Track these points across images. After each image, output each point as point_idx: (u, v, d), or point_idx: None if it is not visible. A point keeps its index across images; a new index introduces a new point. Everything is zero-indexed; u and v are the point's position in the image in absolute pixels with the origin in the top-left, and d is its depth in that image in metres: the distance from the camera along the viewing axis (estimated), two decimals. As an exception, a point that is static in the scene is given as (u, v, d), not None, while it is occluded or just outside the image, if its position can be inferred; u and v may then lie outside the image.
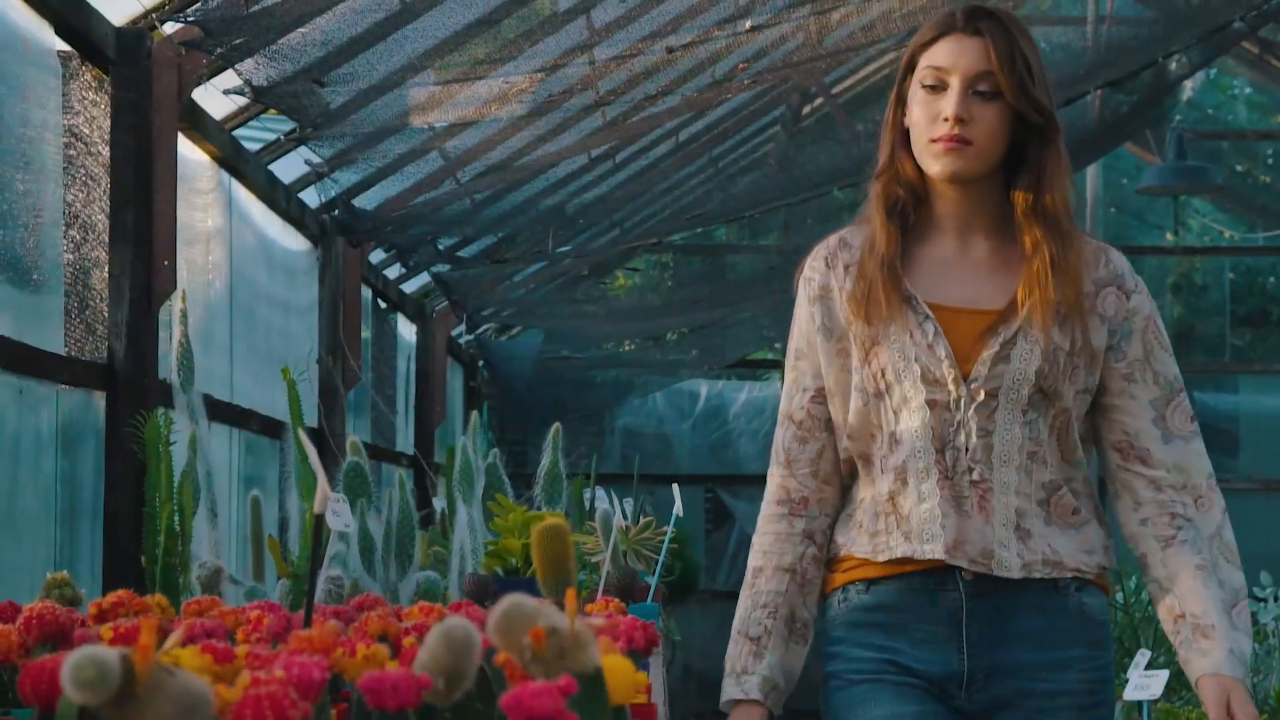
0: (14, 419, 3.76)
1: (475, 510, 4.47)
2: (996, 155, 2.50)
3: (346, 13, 4.39)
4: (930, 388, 2.52)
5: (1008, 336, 2.52)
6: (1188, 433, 2.56)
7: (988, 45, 2.46)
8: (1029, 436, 2.52)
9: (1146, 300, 2.59)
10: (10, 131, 3.80)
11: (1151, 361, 2.57)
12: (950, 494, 2.52)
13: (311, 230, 6.62)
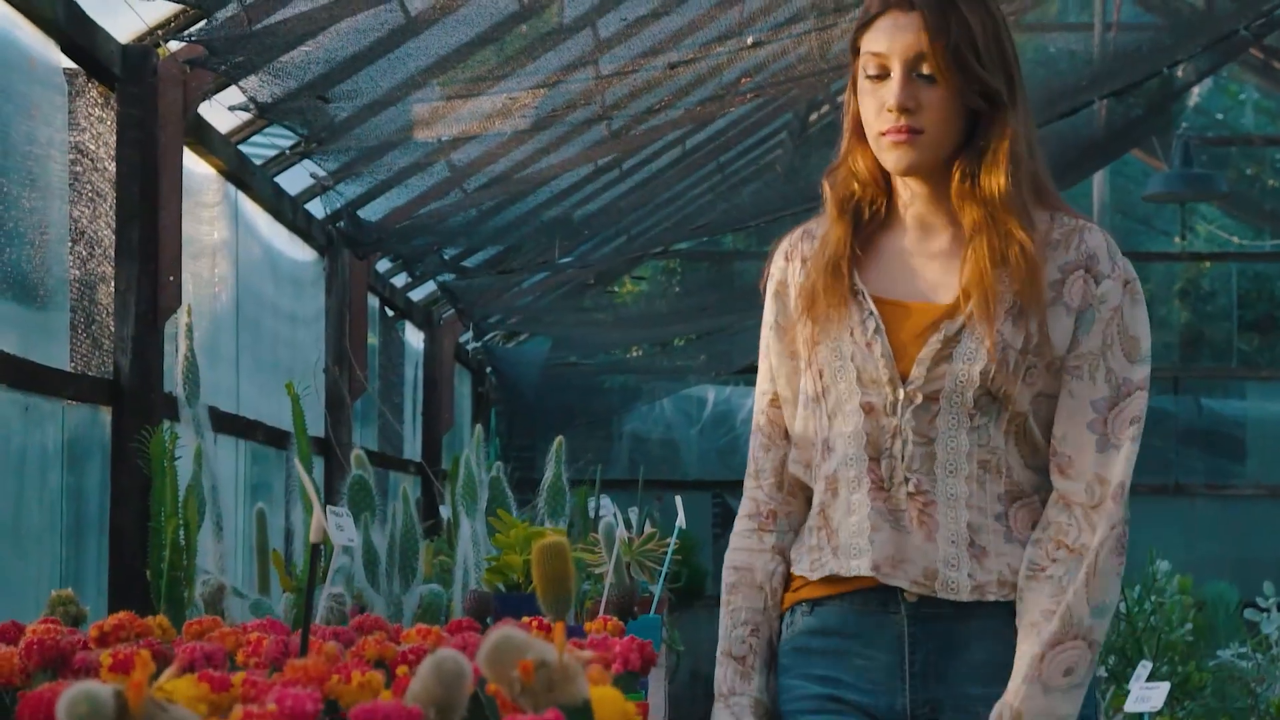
0: (20, 435, 3.79)
1: (479, 523, 4.50)
2: (953, 140, 2.26)
3: (349, 29, 4.42)
4: (866, 390, 2.30)
5: (950, 334, 2.27)
6: (1123, 439, 2.24)
7: (926, 20, 2.21)
8: (978, 443, 2.26)
9: (1120, 288, 2.27)
10: (16, 149, 3.83)
11: (1107, 357, 2.26)
12: (884, 506, 2.29)
13: (318, 241, 6.66)
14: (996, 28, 2.23)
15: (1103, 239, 2.30)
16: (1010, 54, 2.26)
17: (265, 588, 4.39)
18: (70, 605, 3.34)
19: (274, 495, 6.16)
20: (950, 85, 2.22)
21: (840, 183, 2.38)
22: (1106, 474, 2.23)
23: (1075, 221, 2.31)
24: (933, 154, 2.27)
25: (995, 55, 2.23)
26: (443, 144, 5.55)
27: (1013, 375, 2.24)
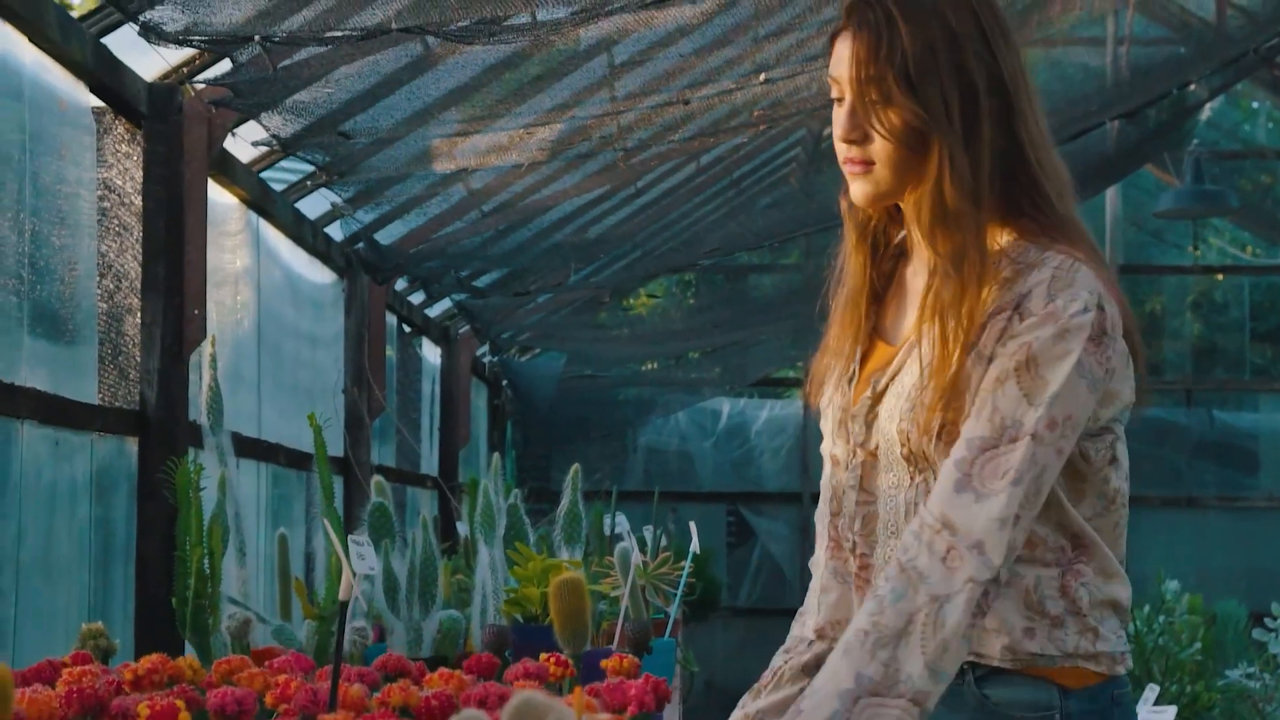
0: (50, 469, 3.89)
1: (496, 550, 4.58)
2: (910, 168, 2.03)
3: (367, 66, 4.51)
4: (835, 441, 2.16)
5: (880, 387, 2.10)
6: (988, 491, 1.93)
7: (859, 45, 2.02)
8: (917, 502, 2.05)
9: (1045, 326, 1.96)
10: (48, 189, 3.93)
11: (996, 395, 1.96)
12: (839, 565, 2.15)
13: (337, 263, 6.76)
14: (953, 39, 1.99)
15: (1048, 275, 1.99)
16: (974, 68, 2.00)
17: (287, 612, 4.48)
18: (100, 639, 3.45)
19: (294, 516, 6.27)
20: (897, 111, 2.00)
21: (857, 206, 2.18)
22: (956, 519, 1.92)
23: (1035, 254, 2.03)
24: (890, 185, 2.05)
25: (944, 78, 1.99)
26: (459, 173, 5.64)
27: (926, 435, 2.01)
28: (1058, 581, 2.03)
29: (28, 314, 3.79)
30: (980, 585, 1.91)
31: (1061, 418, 1.95)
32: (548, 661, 3.02)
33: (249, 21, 3.79)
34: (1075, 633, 2.03)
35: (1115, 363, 2.01)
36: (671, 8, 3.51)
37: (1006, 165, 2.04)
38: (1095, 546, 2.06)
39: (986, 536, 1.91)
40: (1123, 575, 2.10)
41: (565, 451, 12.56)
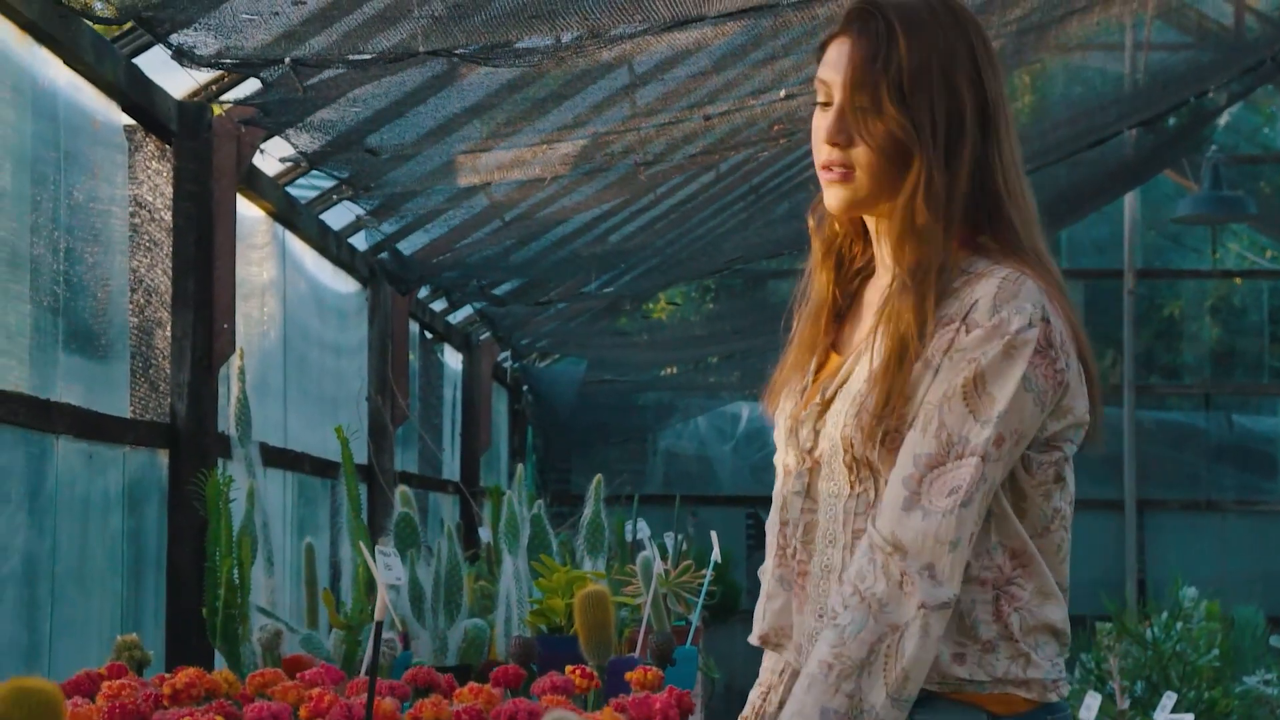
0: (84, 482, 3.96)
1: (520, 560, 4.65)
2: (890, 180, 2.05)
3: (392, 82, 4.57)
4: (787, 449, 2.17)
5: (829, 394, 2.10)
6: (935, 508, 1.95)
7: (857, 53, 2.04)
8: (857, 511, 2.05)
9: (990, 339, 1.98)
10: (81, 208, 4.01)
11: (944, 410, 1.97)
12: (785, 573, 2.15)
13: (361, 273, 6.84)
14: (949, 59, 2.03)
15: (994, 286, 2.00)
16: (963, 88, 2.04)
17: (314, 621, 4.56)
18: (135, 650, 3.53)
19: (319, 523, 6.35)
20: (885, 120, 2.02)
21: (824, 221, 2.21)
22: (905, 539, 1.95)
23: (984, 266, 2.05)
24: (867, 195, 2.07)
25: (934, 95, 2.02)
26: (483, 187, 5.71)
27: (869, 441, 2.02)
28: (992, 606, 2.02)
29: (62, 331, 3.87)
30: (933, 611, 1.93)
31: (1009, 434, 1.97)
32: (573, 674, 3.08)
33: (276, 42, 3.86)
34: (1006, 658, 2.01)
35: (1066, 377, 2.02)
36: (692, 29, 3.57)
37: (978, 190, 2.07)
38: (1035, 564, 2.04)
39: (937, 560, 1.94)
40: (1060, 598, 2.07)
41: (586, 456, 12.63)
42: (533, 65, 3.86)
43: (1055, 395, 2.01)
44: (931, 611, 1.93)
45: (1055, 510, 2.06)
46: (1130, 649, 6.18)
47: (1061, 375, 2.01)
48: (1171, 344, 13.49)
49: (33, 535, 3.66)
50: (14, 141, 3.60)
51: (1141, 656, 6.10)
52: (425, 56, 3.63)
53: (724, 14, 3.47)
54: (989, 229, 2.08)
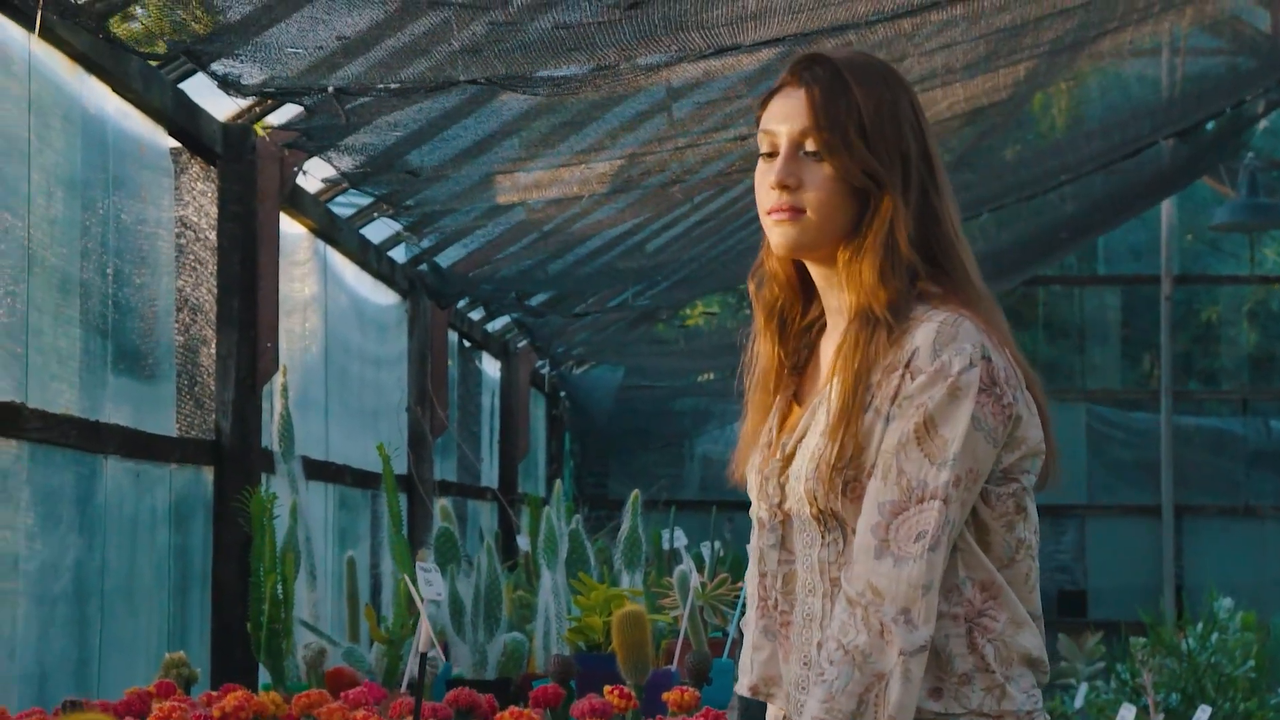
0: (132, 501, 4.05)
1: (559, 575, 4.71)
2: (840, 220, 2.10)
3: (431, 105, 4.64)
4: (758, 502, 2.22)
5: (789, 449, 2.16)
6: (905, 554, 2.01)
7: (813, 98, 2.10)
8: (830, 560, 2.11)
9: (935, 383, 2.04)
10: (129, 230, 4.09)
11: (900, 457, 2.03)
12: (768, 624, 2.20)
13: (400, 285, 6.92)
14: (895, 106, 2.11)
15: (933, 330, 2.05)
16: (909, 136, 2.12)
17: (355, 634, 4.63)
18: (183, 667, 3.61)
19: (360, 533, 6.43)
20: (835, 164, 2.09)
21: (764, 284, 2.25)
22: (880, 586, 2.01)
23: (920, 311, 2.10)
24: (816, 236, 2.11)
25: (889, 136, 2.10)
26: (524, 205, 5.78)
27: (832, 492, 2.07)
28: (965, 639, 2.07)
29: (111, 353, 3.95)
30: (911, 656, 2.00)
31: (964, 474, 2.03)
32: (611, 695, 3.14)
33: (318, 69, 3.93)
34: (981, 689, 2.06)
35: (1015, 410, 2.07)
36: (729, 57, 3.63)
37: (926, 234, 2.13)
38: (1005, 595, 2.09)
39: (911, 604, 2.00)
40: (1033, 626, 2.11)
41: (623, 461, 12.68)
42: (570, 92, 3.92)
43: (1005, 429, 2.06)
44: (910, 657, 1.99)
45: (1019, 540, 2.11)
46: (1165, 662, 6.20)
47: (1010, 409, 2.06)
48: (1209, 349, 13.47)
49: (83, 554, 3.75)
50: (64, 170, 3.68)
51: (1176, 668, 6.12)
52: (465, 84, 3.69)
53: (759, 42, 3.53)
54: (932, 273, 2.13)
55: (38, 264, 3.53)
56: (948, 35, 4.09)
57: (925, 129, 2.16)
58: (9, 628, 3.36)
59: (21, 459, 3.41)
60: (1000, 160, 7.39)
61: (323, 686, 3.79)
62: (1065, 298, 13.75)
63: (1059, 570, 13.24)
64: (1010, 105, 5.98)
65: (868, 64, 2.15)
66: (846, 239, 2.11)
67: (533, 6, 3.15)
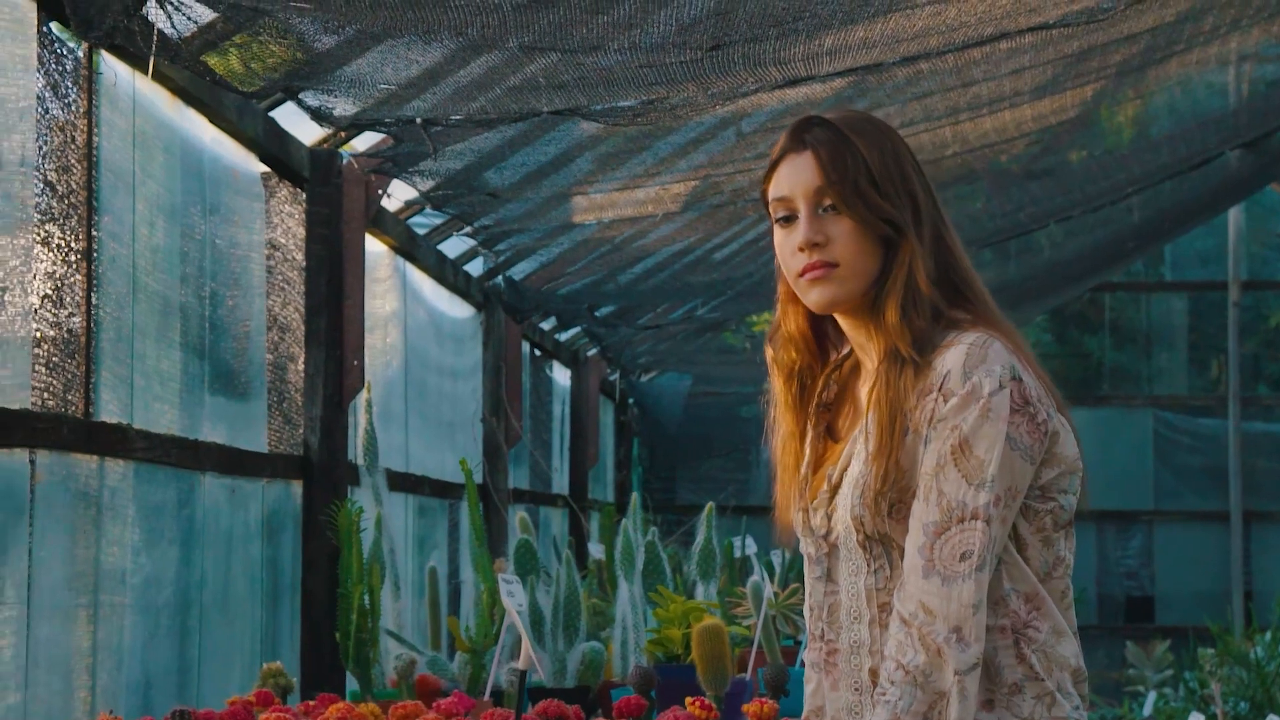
0: (227, 516, 4.21)
1: (636, 586, 4.84)
2: (870, 268, 2.18)
3: (511, 129, 4.77)
4: (804, 539, 2.28)
5: (834, 480, 2.23)
6: (952, 573, 2.09)
7: (820, 158, 2.18)
8: (877, 586, 2.19)
9: (968, 405, 2.11)
10: (223, 254, 4.26)
11: (939, 479, 2.11)
12: (816, 656, 2.28)
13: (476, 298, 7.07)
14: (895, 153, 2.19)
15: (963, 353, 2.13)
16: (914, 180, 2.20)
17: (437, 642, 4.77)
18: (280, 677, 3.76)
19: (437, 539, 6.59)
20: (854, 215, 2.16)
21: (781, 349, 2.31)
22: (932, 605, 2.09)
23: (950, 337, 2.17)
24: (851, 285, 2.19)
25: (897, 181, 2.17)
26: (596, 220, 5.91)
27: (879, 516, 2.15)
28: (1013, 650, 2.14)
29: (208, 373, 4.11)
30: (965, 675, 2.07)
31: (1004, 492, 2.10)
32: (693, 706, 3.26)
33: (402, 96, 4.07)
34: (1032, 698, 2.13)
35: (1050, 426, 2.14)
36: (802, 86, 3.74)
37: (945, 269, 2.21)
38: (1047, 605, 2.16)
39: (963, 623, 2.08)
40: (1072, 636, 2.18)
41: (690, 467, 12.80)
42: (650, 123, 4.05)
43: (1042, 446, 2.13)
44: (965, 675, 2.07)
45: (1058, 557, 2.19)
46: (1233, 670, 6.25)
47: (1044, 425, 2.13)
48: (1277, 354, 13.44)
49: (183, 567, 3.91)
50: (165, 199, 3.84)
51: (1245, 677, 6.16)
52: (550, 117, 3.82)
53: (833, 73, 3.64)
54: (959, 301, 2.21)
55: (141, 290, 3.69)
56: (1016, 61, 4.19)
57: (924, 172, 2.24)
58: (117, 639, 3.52)
59: (128, 478, 3.56)
60: (1068, 172, 7.45)
61: (414, 695, 3.94)
62: (1132, 303, 13.75)
63: (1126, 576, 13.25)
64: (1077, 123, 6.06)
65: (861, 118, 2.24)
66: (874, 285, 2.18)
67: (622, 50, 3.27)
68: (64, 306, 3.33)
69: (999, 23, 3.50)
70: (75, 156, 3.40)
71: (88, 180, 3.44)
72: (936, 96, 4.52)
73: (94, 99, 3.45)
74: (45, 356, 3.25)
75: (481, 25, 3.10)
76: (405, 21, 3.11)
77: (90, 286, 3.45)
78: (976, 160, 5.96)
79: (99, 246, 3.48)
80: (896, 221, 2.17)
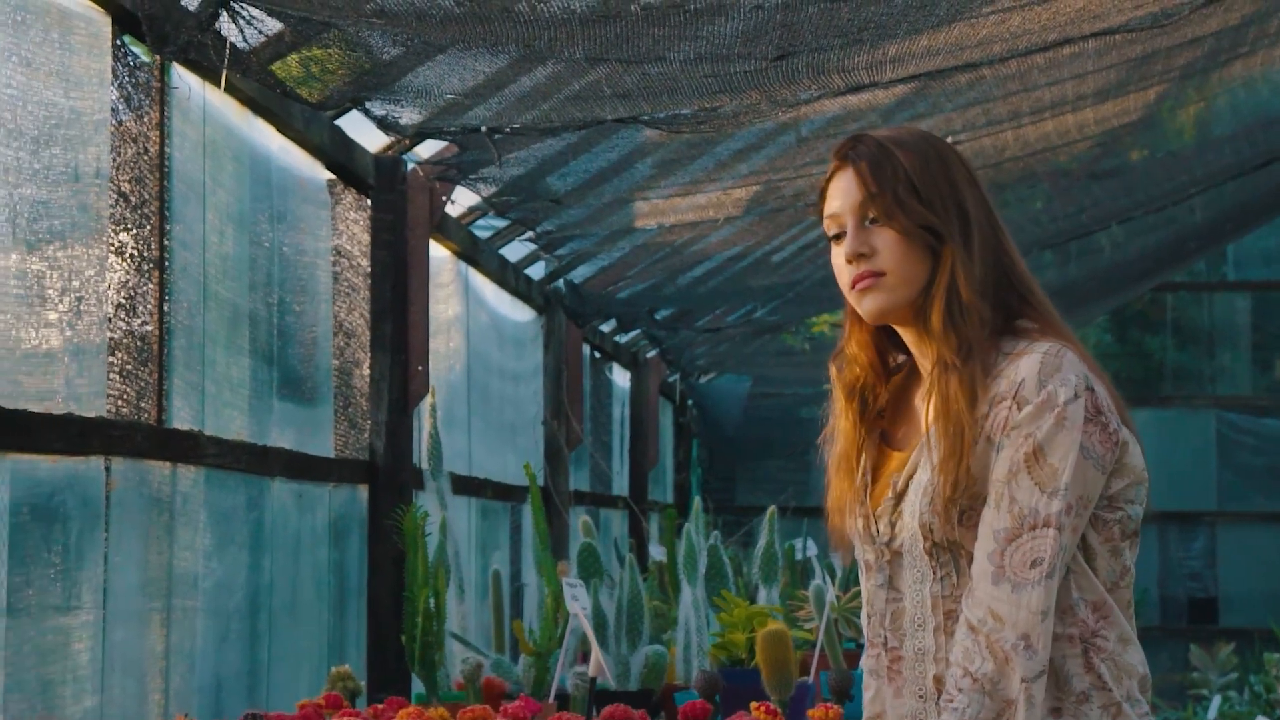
0: (295, 520, 4.26)
1: (699, 589, 4.86)
2: (918, 276, 2.21)
3: (573, 135, 4.80)
4: (864, 547, 2.31)
5: (899, 488, 2.25)
6: (1022, 580, 2.11)
7: (861, 171, 2.22)
8: (944, 593, 2.21)
9: (1043, 413, 2.13)
10: (290, 261, 4.31)
11: (1012, 485, 2.12)
12: (875, 664, 2.30)
13: (537, 302, 7.12)
14: (942, 163, 2.22)
15: (1037, 362, 2.15)
16: (964, 190, 2.23)
17: (501, 644, 4.81)
18: (348, 680, 3.80)
19: (499, 541, 6.64)
20: (896, 225, 2.20)
21: (846, 367, 2.34)
22: (1001, 611, 2.11)
23: (1025, 345, 2.19)
24: (901, 294, 2.22)
25: (941, 190, 2.21)
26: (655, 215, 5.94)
27: (949, 523, 2.17)
28: (1081, 659, 2.16)
29: (276, 379, 4.16)
30: (1033, 682, 2.09)
31: (1075, 500, 2.12)
32: (758, 711, 3.28)
33: (471, 108, 4.10)
34: (1099, 707, 2.15)
35: (1120, 436, 2.16)
36: (864, 93, 3.75)
37: (1004, 276, 2.23)
38: (1114, 614, 2.18)
39: (1031, 630, 2.10)
40: (1138, 644, 2.20)
41: (749, 468, 12.81)
42: (714, 130, 4.07)
43: (1113, 456, 2.15)
44: (1032, 683, 2.09)
45: (1124, 568, 2.21)
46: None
47: (1115, 435, 2.15)
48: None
49: (252, 572, 3.96)
50: (235, 208, 3.90)
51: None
52: (613, 124, 3.85)
53: (896, 79, 3.65)
54: (1023, 310, 2.24)
55: (211, 297, 3.75)
56: (1079, 65, 4.19)
57: (976, 181, 2.26)
58: (189, 642, 3.57)
59: (199, 484, 3.62)
60: (1130, 174, 7.42)
61: (480, 699, 3.97)
62: (1194, 303, 13.66)
63: (1189, 577, 13.16)
64: (1139, 125, 6.05)
65: (908, 132, 2.28)
66: (922, 293, 2.21)
67: (686, 61, 3.30)
68: (137, 315, 3.39)
69: (1062, 29, 3.51)
70: (148, 167, 3.45)
71: (160, 190, 3.50)
72: (998, 100, 4.53)
73: (166, 110, 3.50)
74: (119, 364, 3.30)
75: (549, 38, 3.13)
76: (474, 35, 3.14)
77: (162, 295, 3.50)
78: (1037, 163, 5.96)
79: (170, 255, 3.53)
80: (938, 229, 2.19)
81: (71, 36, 3.10)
